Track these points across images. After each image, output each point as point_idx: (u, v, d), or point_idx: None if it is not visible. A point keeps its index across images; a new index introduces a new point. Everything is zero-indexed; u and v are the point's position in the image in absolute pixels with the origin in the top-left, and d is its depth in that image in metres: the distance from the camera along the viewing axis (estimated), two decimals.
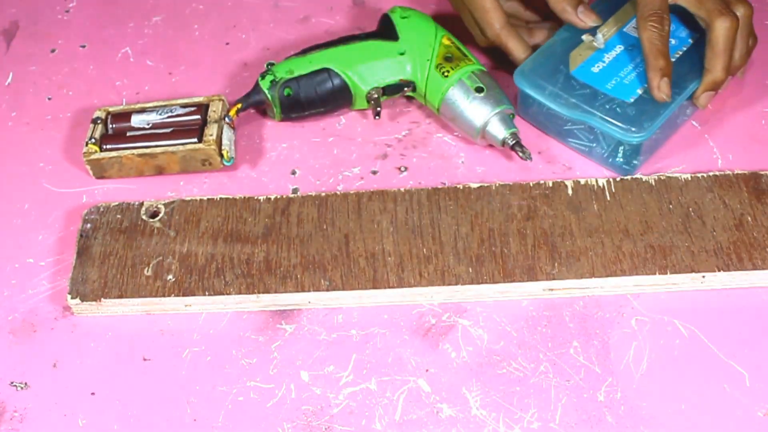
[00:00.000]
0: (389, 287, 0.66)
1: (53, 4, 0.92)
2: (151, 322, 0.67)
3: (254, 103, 0.77)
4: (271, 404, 0.63)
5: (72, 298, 0.67)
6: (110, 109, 0.78)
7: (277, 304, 0.67)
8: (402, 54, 0.77)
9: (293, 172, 0.76)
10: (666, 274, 0.65)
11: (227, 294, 0.66)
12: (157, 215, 0.71)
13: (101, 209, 0.72)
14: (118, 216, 0.72)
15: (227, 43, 0.87)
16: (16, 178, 0.77)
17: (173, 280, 0.67)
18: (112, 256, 0.69)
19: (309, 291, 0.66)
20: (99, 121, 0.77)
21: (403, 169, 0.76)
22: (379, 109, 0.77)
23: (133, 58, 0.86)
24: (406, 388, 0.63)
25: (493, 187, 0.71)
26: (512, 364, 0.64)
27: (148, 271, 0.68)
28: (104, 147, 0.75)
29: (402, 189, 0.72)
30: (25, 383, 0.65)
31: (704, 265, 0.66)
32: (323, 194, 0.72)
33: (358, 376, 0.64)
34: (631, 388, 0.62)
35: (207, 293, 0.66)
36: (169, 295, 0.67)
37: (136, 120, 0.76)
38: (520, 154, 0.73)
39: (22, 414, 0.63)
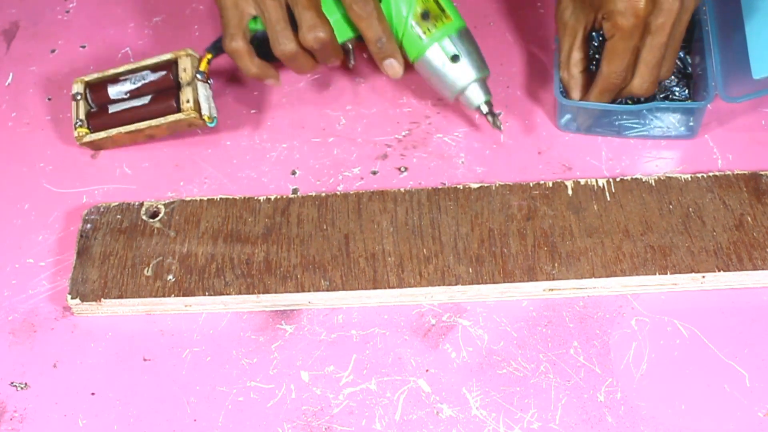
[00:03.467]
0: (389, 287, 0.66)
1: (53, 5, 0.92)
2: (151, 322, 0.67)
3: (224, 51, 0.74)
4: (271, 404, 0.63)
5: (72, 298, 0.67)
6: (86, 79, 0.78)
7: (277, 304, 0.67)
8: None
9: (293, 173, 0.76)
10: (666, 274, 0.65)
11: (227, 294, 0.66)
12: (157, 215, 0.71)
13: (101, 209, 0.72)
14: (118, 216, 0.72)
15: None
16: (16, 178, 0.77)
17: (173, 280, 0.67)
18: (112, 256, 0.69)
19: (309, 291, 0.66)
20: (79, 97, 0.77)
21: (403, 169, 0.76)
22: (353, 62, 0.75)
23: (134, 58, 0.86)
24: (406, 388, 0.63)
25: (493, 188, 0.71)
26: (512, 365, 0.64)
27: (148, 271, 0.68)
28: (92, 127, 0.76)
29: (402, 189, 0.72)
30: (25, 383, 0.65)
31: (704, 265, 0.66)
32: (323, 194, 0.72)
33: (358, 377, 0.64)
34: (631, 388, 0.62)
35: (207, 293, 0.66)
36: (169, 296, 0.67)
37: (113, 92, 0.77)
38: (492, 122, 0.73)
39: (22, 414, 0.63)
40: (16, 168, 0.78)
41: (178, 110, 0.74)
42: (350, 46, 0.75)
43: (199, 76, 0.75)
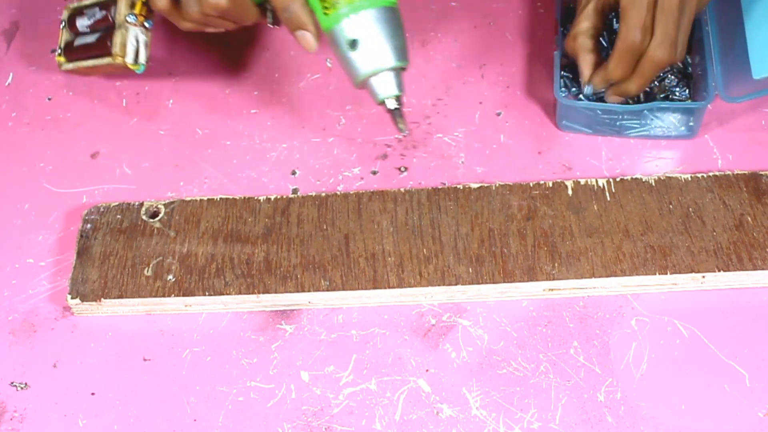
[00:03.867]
0: (389, 287, 0.66)
1: (53, 5, 0.92)
2: (151, 322, 0.67)
3: None
4: (271, 404, 0.63)
5: (72, 298, 0.67)
6: (71, 6, 0.79)
7: (277, 304, 0.67)
8: None
9: (293, 173, 0.76)
10: (666, 274, 0.65)
11: (227, 294, 0.66)
12: (157, 215, 0.71)
13: (101, 209, 0.72)
14: (118, 216, 0.72)
15: (227, 44, 0.87)
16: (16, 179, 0.77)
17: (173, 280, 0.67)
18: (112, 256, 0.69)
19: (309, 291, 0.66)
20: (63, 24, 0.79)
21: (403, 169, 0.76)
22: (271, 21, 0.69)
23: None
24: (406, 388, 0.63)
25: (493, 188, 0.71)
26: (512, 365, 0.64)
27: (148, 271, 0.68)
28: (66, 57, 0.78)
29: (402, 189, 0.72)
30: (25, 383, 0.65)
31: (704, 265, 0.66)
32: (323, 194, 0.72)
33: (358, 377, 0.64)
34: (631, 388, 0.62)
35: (207, 293, 0.66)
36: (169, 296, 0.67)
37: (80, 24, 0.78)
38: (396, 122, 0.66)
39: (22, 414, 0.63)
40: (16, 168, 0.78)
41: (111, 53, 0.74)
42: (268, 6, 0.69)
43: (129, 19, 0.73)
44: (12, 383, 0.65)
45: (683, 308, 0.66)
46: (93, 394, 0.64)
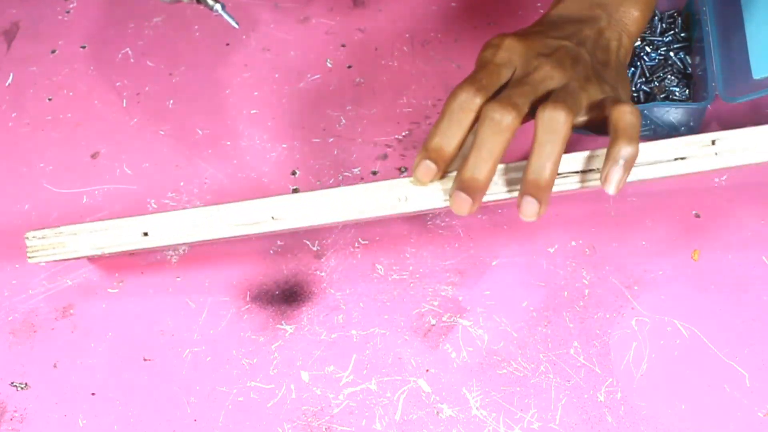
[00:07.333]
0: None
1: (54, 5, 0.92)
2: (152, 322, 0.67)
3: None
4: (271, 404, 0.63)
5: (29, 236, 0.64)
6: None
7: (240, 223, 0.62)
8: None
9: (293, 173, 0.76)
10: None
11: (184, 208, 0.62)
12: None
13: None
14: None
15: (227, 44, 0.87)
16: (17, 179, 0.77)
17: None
18: None
19: (273, 196, 0.61)
20: None
21: (403, 169, 0.76)
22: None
23: (134, 58, 0.86)
24: (407, 388, 0.63)
25: None
26: (512, 365, 0.64)
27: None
28: None
29: None
30: (25, 383, 0.65)
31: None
32: None
33: (358, 377, 0.64)
34: (631, 388, 0.62)
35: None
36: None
37: None
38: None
39: (22, 414, 0.63)
40: (16, 168, 0.78)
41: None
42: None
43: None
44: (12, 383, 0.65)
45: (683, 308, 0.66)
46: (93, 394, 0.64)
